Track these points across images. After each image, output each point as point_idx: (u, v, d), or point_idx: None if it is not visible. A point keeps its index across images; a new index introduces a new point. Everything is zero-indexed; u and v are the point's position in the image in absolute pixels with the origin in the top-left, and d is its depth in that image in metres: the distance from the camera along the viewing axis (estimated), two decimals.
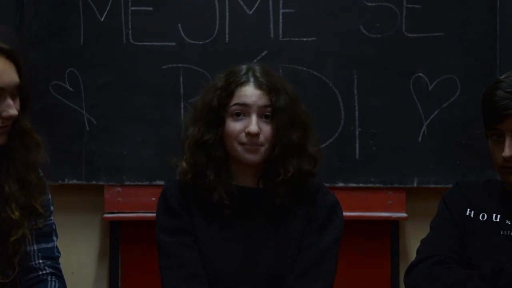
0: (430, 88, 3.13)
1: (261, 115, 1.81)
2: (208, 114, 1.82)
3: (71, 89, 3.15)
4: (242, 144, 1.80)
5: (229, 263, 1.80)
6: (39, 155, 1.77)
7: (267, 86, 1.81)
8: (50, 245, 1.85)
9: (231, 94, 1.81)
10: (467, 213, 1.81)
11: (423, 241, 1.84)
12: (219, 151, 1.81)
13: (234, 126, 1.80)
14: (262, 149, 1.80)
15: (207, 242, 1.81)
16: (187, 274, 1.78)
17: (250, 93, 1.81)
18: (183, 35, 3.14)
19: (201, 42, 3.14)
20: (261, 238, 1.81)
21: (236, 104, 1.81)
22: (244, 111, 1.80)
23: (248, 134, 1.79)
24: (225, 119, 1.81)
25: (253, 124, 1.79)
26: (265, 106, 1.81)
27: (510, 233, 1.76)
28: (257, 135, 1.79)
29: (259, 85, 1.81)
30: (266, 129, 1.81)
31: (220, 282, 1.80)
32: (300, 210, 1.85)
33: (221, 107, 1.81)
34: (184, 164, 1.83)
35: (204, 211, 1.82)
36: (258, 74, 1.84)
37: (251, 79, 1.82)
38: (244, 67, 1.86)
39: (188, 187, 1.84)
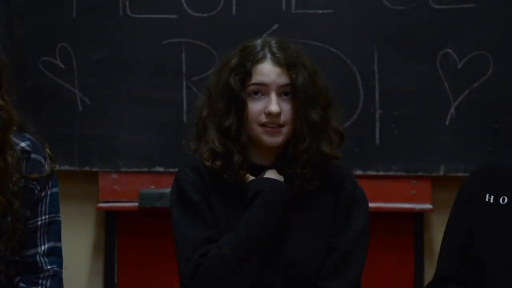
0: (459, 66, 3.01)
1: (281, 94, 1.78)
2: (226, 97, 1.79)
3: (62, 66, 3.06)
4: (262, 125, 1.77)
5: None
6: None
7: (286, 62, 1.78)
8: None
9: (248, 74, 1.78)
10: (486, 199, 1.77)
11: (439, 253, 1.83)
12: (244, 135, 1.78)
13: (253, 107, 1.77)
14: (284, 130, 1.78)
15: (228, 230, 1.77)
16: None
17: (267, 71, 1.78)
18: (185, 6, 3.03)
19: (205, 15, 3.04)
20: (281, 226, 1.78)
21: (253, 84, 1.78)
22: (262, 90, 1.78)
23: (269, 114, 1.76)
24: (246, 101, 1.78)
25: (273, 103, 1.76)
26: (285, 85, 1.78)
27: None
28: (278, 115, 1.76)
29: (277, 62, 1.78)
30: (287, 108, 1.78)
31: None
32: (326, 198, 1.82)
33: (240, 89, 1.78)
34: (207, 150, 1.80)
35: (224, 196, 1.81)
36: (275, 49, 1.80)
37: (268, 55, 1.79)
38: (259, 42, 1.82)
39: (205, 174, 1.81)
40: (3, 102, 1.68)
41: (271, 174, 1.79)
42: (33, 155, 1.73)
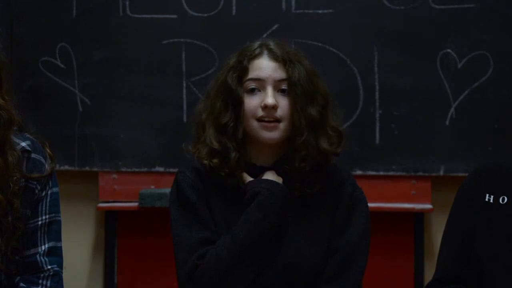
0: (459, 66, 2.99)
1: (278, 89, 1.78)
2: (223, 94, 1.80)
3: (62, 66, 3.04)
4: (258, 120, 1.77)
5: None
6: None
7: (282, 58, 1.79)
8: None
9: (245, 70, 1.79)
10: (486, 199, 1.75)
11: (439, 253, 1.81)
12: (240, 131, 1.79)
13: (249, 102, 1.78)
14: (281, 125, 1.77)
15: (227, 231, 1.77)
16: None
17: (264, 65, 1.79)
18: (185, 6, 3.02)
19: (205, 15, 3.02)
20: (280, 227, 1.77)
21: (250, 79, 1.79)
22: (259, 86, 1.79)
23: (265, 107, 1.76)
24: (242, 96, 1.79)
25: (269, 96, 1.76)
26: (281, 80, 1.78)
27: None
28: (273, 107, 1.75)
29: (273, 57, 1.80)
30: (284, 103, 1.78)
31: None
32: (326, 200, 1.82)
33: (237, 85, 1.79)
34: (205, 149, 1.81)
35: (223, 197, 1.81)
36: (272, 46, 1.82)
37: (265, 52, 1.81)
38: (257, 42, 1.85)
39: (205, 174, 1.81)
40: (3, 102, 1.67)
41: (269, 175, 1.78)
42: (33, 155, 1.73)
